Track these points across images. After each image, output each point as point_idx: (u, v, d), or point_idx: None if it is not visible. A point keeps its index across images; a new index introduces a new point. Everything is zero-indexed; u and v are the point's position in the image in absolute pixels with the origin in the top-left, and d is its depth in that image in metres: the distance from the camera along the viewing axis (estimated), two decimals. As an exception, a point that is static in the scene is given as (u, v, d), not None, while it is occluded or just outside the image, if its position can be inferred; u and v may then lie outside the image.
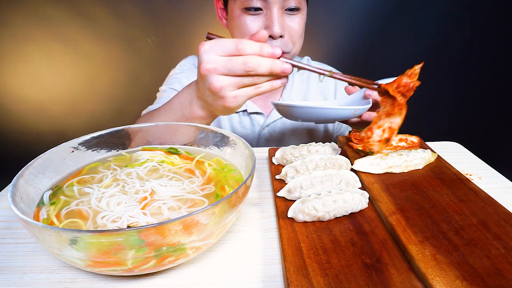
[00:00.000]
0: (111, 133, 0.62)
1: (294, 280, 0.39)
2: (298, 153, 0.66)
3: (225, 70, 0.53)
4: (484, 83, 2.36)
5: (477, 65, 2.29)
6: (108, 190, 0.51)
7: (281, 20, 0.84)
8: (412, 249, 0.43)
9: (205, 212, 0.39)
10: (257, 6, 0.84)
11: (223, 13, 0.96)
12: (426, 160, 0.65)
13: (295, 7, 0.85)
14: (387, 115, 0.58)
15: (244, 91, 0.56)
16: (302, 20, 0.89)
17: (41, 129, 2.31)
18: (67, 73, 2.19)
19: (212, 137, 0.63)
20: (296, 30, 0.88)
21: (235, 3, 0.86)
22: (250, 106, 1.01)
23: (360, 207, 0.52)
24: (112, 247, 0.36)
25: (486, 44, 2.23)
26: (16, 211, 0.39)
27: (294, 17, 0.87)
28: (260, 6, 0.84)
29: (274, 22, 0.83)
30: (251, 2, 0.83)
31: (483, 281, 0.38)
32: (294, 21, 0.87)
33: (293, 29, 0.87)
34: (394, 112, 0.58)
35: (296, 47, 0.91)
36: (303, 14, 0.89)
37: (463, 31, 2.16)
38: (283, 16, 0.85)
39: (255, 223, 0.55)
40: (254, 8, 0.84)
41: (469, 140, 1.04)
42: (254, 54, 0.53)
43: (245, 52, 0.53)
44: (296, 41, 0.90)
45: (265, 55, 0.53)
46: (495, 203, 0.53)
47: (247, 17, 0.85)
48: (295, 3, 0.85)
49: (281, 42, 0.87)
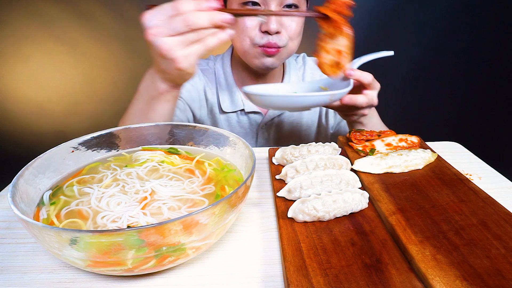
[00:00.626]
0: (111, 133, 0.62)
1: (294, 280, 0.39)
2: (298, 153, 0.66)
3: (169, 31, 0.55)
4: (484, 83, 2.36)
5: (477, 65, 2.29)
6: (108, 190, 0.51)
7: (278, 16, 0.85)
8: (412, 249, 0.43)
9: (205, 212, 0.39)
10: (255, 0, 0.84)
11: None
12: (426, 160, 0.65)
13: (293, 4, 0.85)
14: (331, 37, 0.60)
15: (193, 48, 0.58)
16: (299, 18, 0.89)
17: (41, 129, 2.31)
18: (67, 73, 2.19)
19: (212, 137, 0.63)
20: (292, 27, 0.88)
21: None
22: (248, 105, 1.01)
23: (360, 207, 0.52)
24: (112, 247, 0.36)
25: (486, 44, 2.23)
26: (16, 211, 0.39)
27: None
28: (258, 1, 0.84)
29: (271, 18, 0.83)
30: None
31: (483, 281, 0.38)
32: (292, 18, 0.87)
33: (290, 26, 0.87)
34: (336, 32, 0.60)
35: (293, 43, 0.91)
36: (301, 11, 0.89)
37: (463, 31, 2.16)
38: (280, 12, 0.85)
39: (255, 223, 0.55)
40: (252, 3, 0.84)
41: (469, 140, 1.04)
42: (192, 10, 0.55)
43: (182, 10, 0.55)
44: (293, 38, 0.90)
45: (203, 8, 0.55)
46: (495, 203, 0.53)
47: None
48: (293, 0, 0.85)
49: (277, 37, 0.87)
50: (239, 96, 1.02)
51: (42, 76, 2.18)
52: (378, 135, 0.72)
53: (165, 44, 0.56)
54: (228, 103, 1.02)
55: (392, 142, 0.71)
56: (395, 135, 0.72)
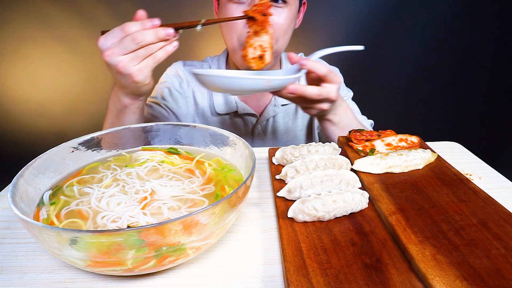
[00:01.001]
0: (111, 133, 0.62)
1: (294, 280, 0.39)
2: (298, 153, 0.66)
3: (121, 50, 0.62)
4: (484, 83, 2.36)
5: (477, 65, 2.29)
6: (108, 190, 0.51)
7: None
8: (412, 249, 0.43)
9: (205, 212, 0.39)
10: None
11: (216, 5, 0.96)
12: (426, 160, 0.65)
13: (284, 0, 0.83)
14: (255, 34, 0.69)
15: (144, 63, 0.64)
16: (289, 14, 0.85)
17: (41, 129, 2.31)
18: (67, 73, 2.19)
19: (212, 137, 0.63)
20: (280, 24, 0.84)
21: None
22: (241, 107, 1.00)
23: (360, 207, 0.52)
24: (112, 247, 0.36)
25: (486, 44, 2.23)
26: (16, 211, 0.39)
27: (279, 10, 0.84)
28: None
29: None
30: None
31: (483, 281, 0.38)
32: (279, 14, 0.84)
33: (276, 23, 0.84)
34: (259, 30, 0.68)
35: (279, 42, 0.87)
36: (291, 9, 0.86)
37: (463, 31, 2.16)
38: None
39: (255, 223, 0.55)
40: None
41: (469, 140, 1.04)
42: (138, 30, 0.62)
43: (130, 31, 0.62)
44: (279, 36, 0.86)
45: (148, 27, 0.63)
46: (495, 203, 0.53)
47: (232, 5, 0.84)
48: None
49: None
50: (233, 98, 1.01)
51: (42, 76, 2.18)
52: (378, 135, 0.72)
53: (120, 62, 0.63)
54: (222, 104, 1.01)
55: (392, 142, 0.71)
56: (395, 135, 0.72)
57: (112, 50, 0.62)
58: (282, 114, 1.05)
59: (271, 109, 1.03)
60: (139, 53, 0.63)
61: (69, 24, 2.04)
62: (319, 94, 0.71)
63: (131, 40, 0.62)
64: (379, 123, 1.12)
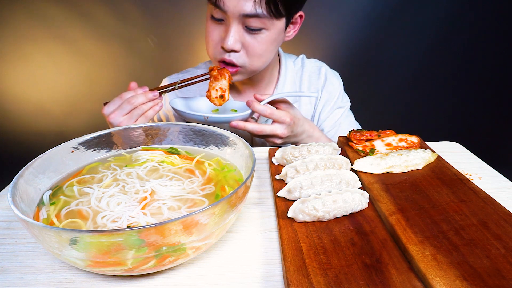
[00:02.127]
0: (111, 133, 0.62)
1: (294, 280, 0.39)
2: (298, 153, 0.66)
3: (121, 111, 0.80)
4: (484, 83, 2.36)
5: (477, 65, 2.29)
6: (108, 190, 0.51)
7: (238, 34, 0.83)
8: (412, 249, 0.43)
9: (205, 212, 0.39)
10: (218, 17, 0.84)
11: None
12: (426, 160, 0.65)
13: (257, 28, 0.83)
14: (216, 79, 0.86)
15: (139, 120, 0.82)
16: (267, 39, 0.85)
17: (41, 129, 2.31)
18: (67, 73, 2.19)
19: (212, 137, 0.63)
20: (254, 47, 0.85)
21: (208, 7, 0.87)
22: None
23: (360, 207, 0.52)
24: (112, 247, 0.36)
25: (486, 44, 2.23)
26: (16, 211, 0.39)
27: (255, 36, 0.84)
28: (221, 17, 0.83)
29: (228, 35, 0.83)
30: (214, 12, 0.84)
31: (483, 281, 0.38)
32: (256, 39, 0.84)
33: (250, 46, 0.85)
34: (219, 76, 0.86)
35: (254, 64, 0.89)
36: (270, 34, 0.85)
37: (463, 31, 2.16)
38: (242, 32, 0.83)
39: (255, 223, 0.55)
40: (218, 18, 0.84)
41: (469, 140, 1.04)
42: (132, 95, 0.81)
43: (126, 97, 0.81)
44: (253, 58, 0.88)
45: (139, 93, 0.81)
46: (495, 203, 0.53)
47: (212, 25, 0.87)
48: (257, 23, 0.81)
49: (233, 56, 0.86)
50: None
51: (42, 76, 2.18)
52: (378, 135, 0.72)
53: (121, 122, 0.80)
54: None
55: (392, 142, 0.71)
56: (395, 135, 0.72)
57: (115, 113, 0.80)
58: None
59: None
60: (134, 113, 0.80)
61: (69, 24, 2.04)
62: (260, 130, 0.82)
63: (127, 103, 0.79)
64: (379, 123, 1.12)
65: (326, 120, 1.06)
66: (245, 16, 0.80)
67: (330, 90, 1.06)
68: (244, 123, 0.81)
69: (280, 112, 0.82)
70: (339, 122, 1.06)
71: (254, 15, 0.79)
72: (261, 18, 0.80)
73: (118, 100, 0.81)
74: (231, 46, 0.83)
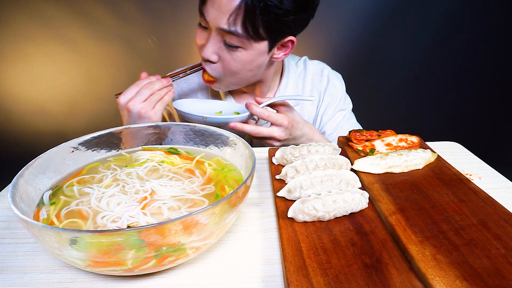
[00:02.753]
0: (111, 133, 0.62)
1: (294, 280, 0.39)
2: (298, 153, 0.66)
3: (140, 98, 0.80)
4: (484, 83, 2.36)
5: (477, 65, 2.29)
6: (108, 190, 0.51)
7: (215, 46, 0.84)
8: (412, 249, 0.43)
9: (205, 212, 0.39)
10: (204, 25, 0.85)
11: None
12: (426, 160, 0.65)
13: (234, 45, 0.82)
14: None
15: (157, 107, 0.82)
16: (242, 57, 0.84)
17: (41, 129, 2.30)
18: (67, 73, 2.19)
19: (212, 137, 0.63)
20: (230, 63, 0.85)
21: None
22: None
23: (360, 207, 0.52)
24: (112, 247, 0.36)
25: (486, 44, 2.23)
26: (16, 211, 0.39)
27: (233, 52, 0.83)
28: (205, 26, 0.84)
29: (206, 45, 0.84)
30: (200, 19, 0.85)
31: (483, 281, 0.38)
32: (231, 55, 0.84)
33: (226, 61, 0.85)
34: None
35: (227, 79, 0.90)
36: (247, 53, 0.84)
37: (463, 31, 2.16)
38: (220, 44, 0.83)
39: (255, 223, 0.55)
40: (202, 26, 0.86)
41: (469, 140, 1.04)
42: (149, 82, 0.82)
43: (143, 84, 0.82)
44: (227, 73, 0.88)
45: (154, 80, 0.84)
46: (495, 203, 0.53)
47: (198, 30, 0.88)
48: (234, 41, 0.81)
49: (209, 66, 0.87)
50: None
51: (42, 76, 2.18)
52: (378, 135, 0.72)
53: (141, 109, 0.80)
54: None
55: (392, 142, 0.71)
56: (395, 135, 0.72)
57: (134, 99, 0.80)
58: None
59: None
60: (153, 98, 0.81)
61: (69, 24, 2.04)
62: (257, 132, 0.83)
63: (145, 89, 0.81)
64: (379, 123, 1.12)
65: (328, 123, 1.05)
66: (223, 31, 0.80)
67: (332, 93, 1.06)
68: (242, 124, 0.82)
69: (277, 115, 0.83)
70: (341, 124, 1.05)
71: (230, 32, 0.80)
72: (238, 36, 0.80)
73: (135, 87, 0.81)
74: (207, 56, 0.85)
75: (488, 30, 2.18)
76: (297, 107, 1.04)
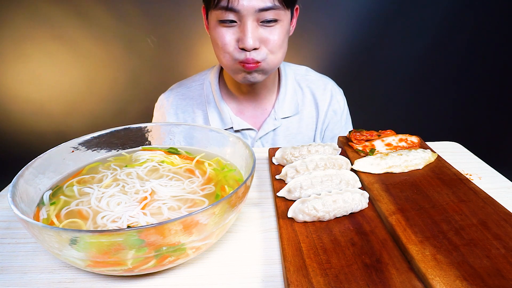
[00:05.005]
0: (111, 133, 0.62)
1: (294, 280, 0.39)
2: (298, 153, 0.66)
3: None
4: (484, 83, 2.36)
5: (477, 65, 2.29)
6: (108, 190, 0.51)
7: (255, 32, 0.82)
8: (412, 249, 0.43)
9: (205, 212, 0.39)
10: (231, 18, 0.82)
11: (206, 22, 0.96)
12: (426, 160, 0.65)
13: (272, 19, 0.82)
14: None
15: None
16: (281, 30, 0.85)
17: (41, 129, 2.30)
18: (67, 73, 2.19)
19: (212, 137, 0.63)
20: (274, 41, 0.85)
21: (211, 14, 0.85)
22: (237, 122, 0.99)
23: (360, 207, 0.52)
24: (112, 247, 0.36)
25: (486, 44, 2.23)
26: (16, 211, 0.39)
27: (271, 29, 0.83)
28: (234, 19, 0.82)
29: (247, 35, 0.81)
30: (225, 15, 0.82)
31: (483, 281, 0.38)
32: (272, 32, 0.84)
33: (270, 41, 0.84)
34: None
35: (275, 56, 0.89)
36: (283, 24, 0.85)
37: (463, 31, 2.16)
38: (258, 28, 0.82)
39: (255, 223, 0.55)
40: (229, 20, 0.83)
41: (469, 140, 1.04)
42: None
43: None
44: (275, 51, 0.87)
45: None
46: (495, 203, 0.53)
47: (222, 29, 0.85)
48: (271, 15, 0.81)
49: (255, 53, 0.85)
50: (228, 114, 0.99)
51: (42, 76, 2.18)
52: (378, 135, 0.72)
53: None
54: (217, 120, 1.00)
55: (392, 142, 0.71)
56: (395, 135, 0.72)
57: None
58: (283, 127, 1.03)
59: (271, 123, 1.00)
60: None
61: (69, 24, 2.04)
62: None
63: None
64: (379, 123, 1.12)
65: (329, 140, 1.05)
66: (261, 11, 0.80)
67: (335, 109, 1.05)
68: None
69: None
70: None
71: (268, 9, 0.80)
72: (275, 9, 0.81)
73: None
74: (253, 45, 0.82)
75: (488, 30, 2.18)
76: (295, 117, 1.02)
